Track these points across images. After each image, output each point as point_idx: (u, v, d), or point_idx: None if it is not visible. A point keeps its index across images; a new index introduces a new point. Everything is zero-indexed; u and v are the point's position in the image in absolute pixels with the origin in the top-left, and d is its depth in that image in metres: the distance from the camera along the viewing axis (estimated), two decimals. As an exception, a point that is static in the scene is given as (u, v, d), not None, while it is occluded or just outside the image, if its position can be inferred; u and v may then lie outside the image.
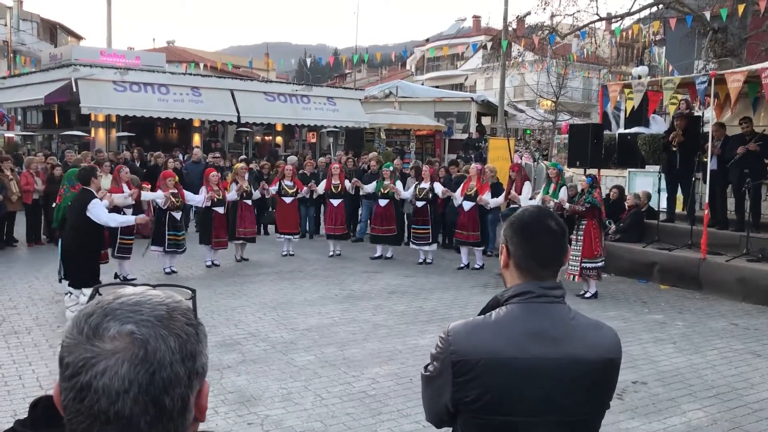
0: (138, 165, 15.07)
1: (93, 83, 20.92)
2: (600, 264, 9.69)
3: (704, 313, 8.87)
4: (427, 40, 57.72)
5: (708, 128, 11.02)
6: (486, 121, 30.49)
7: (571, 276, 9.66)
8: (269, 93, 24.83)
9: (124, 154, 16.52)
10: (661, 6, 20.68)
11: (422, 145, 27.66)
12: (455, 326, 1.89)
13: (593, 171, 12.73)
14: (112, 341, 0.95)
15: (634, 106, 12.19)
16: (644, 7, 21.11)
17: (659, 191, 12.00)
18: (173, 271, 10.61)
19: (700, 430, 5.18)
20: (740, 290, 9.57)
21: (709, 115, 11.58)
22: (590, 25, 22.59)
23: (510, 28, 24.38)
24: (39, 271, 10.46)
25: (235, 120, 23.34)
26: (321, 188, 12.78)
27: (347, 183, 12.77)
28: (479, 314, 1.94)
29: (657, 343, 7.44)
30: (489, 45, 27.58)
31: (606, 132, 13.74)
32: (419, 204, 11.99)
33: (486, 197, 11.47)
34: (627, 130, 14.80)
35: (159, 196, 10.37)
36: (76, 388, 0.95)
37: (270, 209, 14.66)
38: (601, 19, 22.07)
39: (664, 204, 12.12)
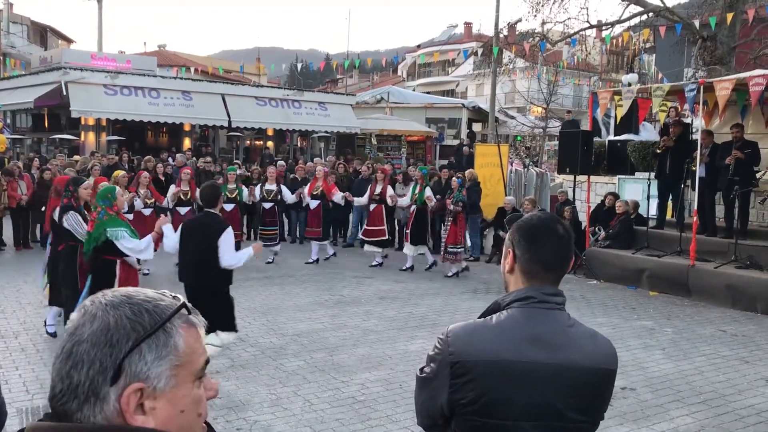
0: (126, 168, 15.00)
1: (83, 87, 20.80)
2: (460, 250, 11.47)
3: (693, 320, 8.92)
4: (419, 46, 57.90)
5: (697, 136, 11.10)
6: (477, 127, 30.57)
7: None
8: (260, 98, 24.79)
9: (108, 157, 16.45)
10: (651, 14, 20.82)
11: (413, 151, 27.69)
12: (455, 328, 1.89)
13: (583, 177, 12.83)
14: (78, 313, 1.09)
15: (623, 113, 12.26)
16: (634, 15, 21.24)
17: (648, 198, 12.07)
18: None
19: (688, 436, 5.20)
20: (728, 297, 9.62)
21: (698, 122, 11.66)
22: (581, 33, 22.71)
23: (501, 35, 24.47)
24: (27, 275, 10.39)
25: (225, 124, 23.27)
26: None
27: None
28: (479, 317, 1.94)
29: (646, 349, 7.46)
30: (480, 51, 27.68)
31: (596, 139, 13.83)
32: (267, 205, 12.28)
33: (336, 197, 12.37)
34: (617, 137, 14.88)
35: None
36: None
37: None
38: (591, 27, 22.19)
39: (653, 211, 12.19)
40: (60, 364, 1.04)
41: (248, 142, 27.07)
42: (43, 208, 12.23)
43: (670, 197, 11.99)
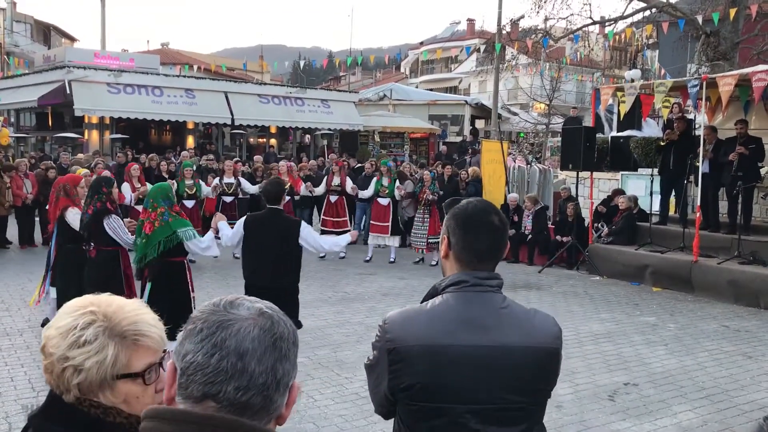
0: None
1: (87, 85, 20.84)
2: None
3: (696, 316, 8.92)
4: (422, 43, 57.73)
5: (700, 131, 11.09)
6: (480, 124, 30.54)
7: (419, 249, 12.15)
8: (263, 95, 24.78)
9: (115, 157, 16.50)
10: (654, 10, 20.77)
11: (416, 148, 27.68)
12: (392, 315, 1.92)
13: (585, 174, 12.83)
14: (247, 311, 1.15)
15: (626, 110, 12.25)
16: (637, 11, 21.20)
17: (651, 194, 12.06)
18: None
19: (691, 431, 5.22)
20: (731, 293, 9.62)
21: (701, 118, 11.65)
22: (584, 29, 22.67)
23: (504, 32, 24.46)
24: (32, 273, 10.42)
25: (229, 122, 23.29)
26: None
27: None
28: (420, 303, 1.97)
29: (649, 344, 7.47)
30: (483, 48, 27.70)
31: (599, 135, 13.82)
32: (227, 199, 12.26)
33: (302, 189, 12.72)
34: (620, 133, 14.86)
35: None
36: (209, 344, 1.11)
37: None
38: (594, 23, 22.14)
39: (656, 207, 12.18)
40: (262, 357, 1.11)
41: (251, 139, 27.08)
42: (47, 206, 12.27)
43: (673, 193, 11.98)
